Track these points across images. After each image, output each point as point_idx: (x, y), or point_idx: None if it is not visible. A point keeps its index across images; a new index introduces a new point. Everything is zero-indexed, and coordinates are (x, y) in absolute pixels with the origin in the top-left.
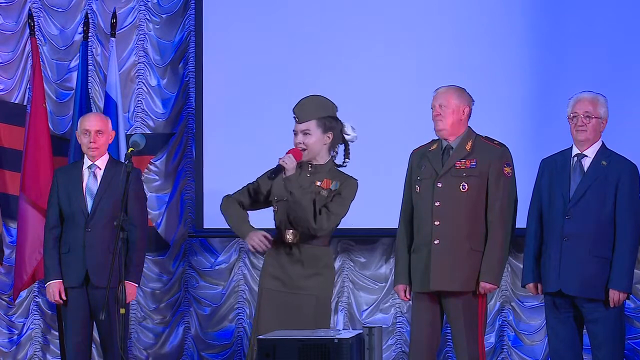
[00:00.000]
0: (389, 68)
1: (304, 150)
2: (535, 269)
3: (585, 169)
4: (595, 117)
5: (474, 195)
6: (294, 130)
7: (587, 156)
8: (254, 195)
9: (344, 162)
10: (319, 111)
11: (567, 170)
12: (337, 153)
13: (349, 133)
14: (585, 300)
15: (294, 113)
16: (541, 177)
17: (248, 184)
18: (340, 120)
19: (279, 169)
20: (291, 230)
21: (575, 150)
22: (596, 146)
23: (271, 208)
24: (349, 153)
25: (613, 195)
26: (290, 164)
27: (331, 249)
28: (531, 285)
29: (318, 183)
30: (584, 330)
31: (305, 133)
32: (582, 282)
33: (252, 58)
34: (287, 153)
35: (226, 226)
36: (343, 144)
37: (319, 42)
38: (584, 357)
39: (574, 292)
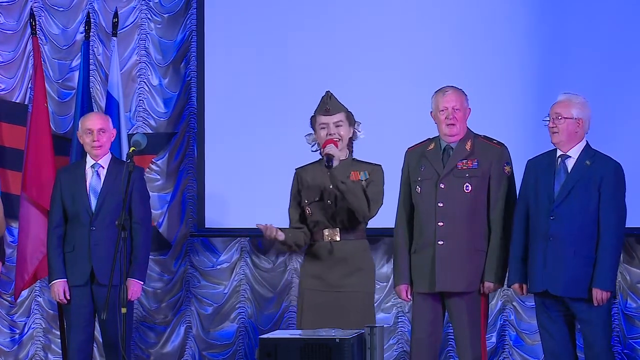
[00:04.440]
0: (390, 68)
1: (338, 140)
2: (521, 270)
3: (569, 169)
4: (566, 118)
5: (477, 196)
6: (323, 124)
7: (570, 157)
8: (300, 209)
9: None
10: (344, 105)
11: (552, 171)
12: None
13: (359, 130)
14: (571, 300)
15: (327, 105)
16: (527, 177)
17: (289, 206)
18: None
19: (330, 158)
20: (328, 229)
21: (559, 152)
22: (580, 146)
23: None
24: (351, 151)
25: (597, 195)
26: (336, 153)
27: (367, 240)
28: (516, 285)
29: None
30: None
31: (338, 125)
32: (567, 282)
33: (254, 57)
34: (323, 145)
35: (227, 225)
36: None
37: (320, 42)
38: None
39: (559, 292)
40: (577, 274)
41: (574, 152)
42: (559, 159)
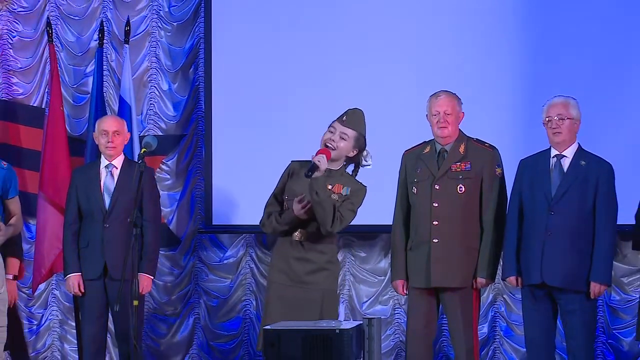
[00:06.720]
0: (389, 71)
1: (332, 150)
2: (516, 263)
3: (565, 168)
4: (568, 118)
5: (470, 196)
6: (332, 126)
7: (566, 156)
8: (281, 200)
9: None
10: (363, 128)
11: (547, 170)
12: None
13: (367, 161)
14: (565, 291)
15: (346, 114)
16: (521, 176)
17: (273, 192)
18: (366, 146)
19: (314, 168)
20: (300, 230)
21: (553, 152)
22: (573, 147)
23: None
24: (356, 175)
25: (593, 193)
26: (323, 165)
27: (336, 245)
28: (513, 278)
29: (329, 186)
30: (558, 322)
31: (343, 137)
32: (565, 274)
33: (259, 63)
34: (317, 153)
35: (234, 222)
36: (353, 164)
37: (325, 47)
38: (557, 348)
39: (556, 283)
40: (573, 266)
41: (569, 152)
42: (554, 158)
